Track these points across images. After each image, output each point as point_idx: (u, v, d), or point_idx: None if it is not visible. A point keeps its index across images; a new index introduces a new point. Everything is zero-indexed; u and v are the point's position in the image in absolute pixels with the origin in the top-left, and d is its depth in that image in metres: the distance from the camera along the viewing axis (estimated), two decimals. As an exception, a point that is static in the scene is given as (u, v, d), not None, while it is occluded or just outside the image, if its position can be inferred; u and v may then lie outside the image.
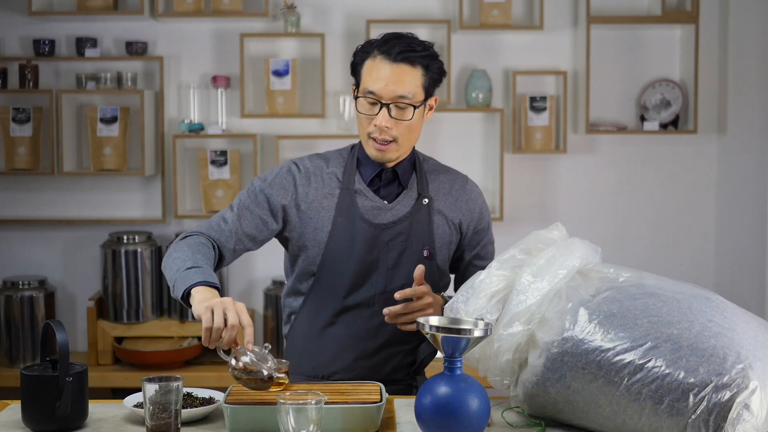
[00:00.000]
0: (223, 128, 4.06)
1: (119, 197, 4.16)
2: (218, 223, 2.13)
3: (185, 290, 1.89)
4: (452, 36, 4.08)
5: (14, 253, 4.18)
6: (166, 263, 2.03)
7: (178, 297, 1.93)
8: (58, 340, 1.77)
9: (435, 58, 2.11)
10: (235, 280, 4.18)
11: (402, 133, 2.10)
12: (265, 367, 1.77)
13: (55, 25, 4.11)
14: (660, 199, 4.21)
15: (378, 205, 2.15)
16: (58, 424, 1.78)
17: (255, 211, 2.13)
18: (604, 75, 4.14)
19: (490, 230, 2.31)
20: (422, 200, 2.18)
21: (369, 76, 2.08)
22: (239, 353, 1.77)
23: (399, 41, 2.08)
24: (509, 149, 4.14)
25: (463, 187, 2.25)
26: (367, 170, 2.17)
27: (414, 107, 2.08)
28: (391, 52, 2.06)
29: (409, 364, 2.22)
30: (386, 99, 2.06)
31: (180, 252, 2.02)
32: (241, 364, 1.76)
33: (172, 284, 1.96)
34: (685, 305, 1.70)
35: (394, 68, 2.06)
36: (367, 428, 1.77)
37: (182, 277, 1.93)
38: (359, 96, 2.11)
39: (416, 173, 2.20)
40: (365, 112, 2.10)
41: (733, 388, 1.57)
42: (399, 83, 2.06)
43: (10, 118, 4.01)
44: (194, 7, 3.97)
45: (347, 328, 2.16)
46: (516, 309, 1.77)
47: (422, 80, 2.09)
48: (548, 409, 1.79)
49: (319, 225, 2.14)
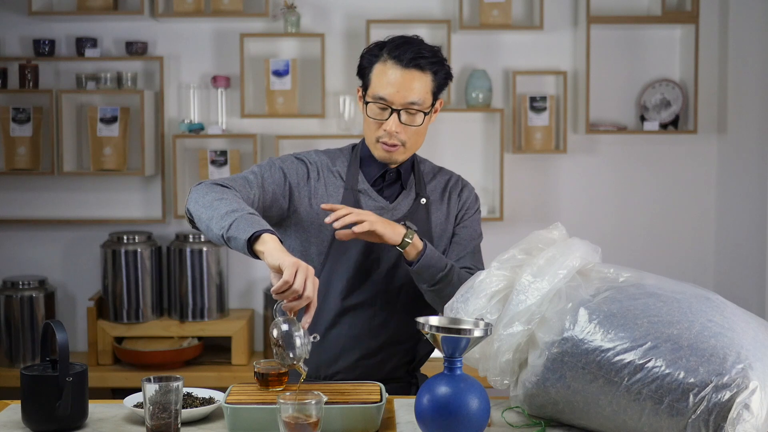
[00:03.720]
0: (223, 128, 4.06)
1: (119, 197, 4.16)
2: (242, 182, 2.04)
3: (256, 233, 1.80)
4: (452, 36, 4.08)
5: (14, 253, 4.18)
6: (207, 202, 1.91)
7: (239, 238, 1.81)
8: (58, 340, 1.77)
9: (443, 64, 2.12)
10: (235, 280, 4.18)
11: (410, 138, 2.12)
12: (297, 351, 1.76)
13: (55, 25, 4.11)
14: (660, 199, 4.21)
15: (381, 205, 2.17)
16: (58, 424, 1.79)
17: (271, 185, 2.09)
18: (604, 75, 4.14)
19: (476, 220, 2.29)
20: (420, 200, 2.19)
21: (379, 81, 2.08)
22: (291, 323, 1.76)
23: (410, 47, 2.08)
24: (509, 149, 4.14)
25: (456, 184, 2.28)
26: (371, 170, 2.18)
27: (424, 113, 2.10)
28: (402, 57, 2.06)
29: (409, 362, 2.23)
30: (397, 105, 2.07)
31: (221, 194, 1.92)
32: (280, 333, 1.75)
33: (228, 224, 1.84)
34: (685, 305, 1.70)
35: (405, 74, 2.07)
36: (367, 428, 1.77)
37: (246, 219, 1.83)
38: (369, 101, 2.10)
39: (414, 174, 2.22)
40: (375, 117, 2.10)
41: (733, 388, 1.57)
42: (410, 90, 2.07)
43: (10, 118, 4.01)
44: (194, 7, 3.97)
45: (349, 328, 2.16)
46: (516, 309, 1.77)
47: (431, 85, 2.11)
48: (548, 409, 1.79)
49: (324, 223, 2.14)
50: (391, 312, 2.17)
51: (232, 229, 1.83)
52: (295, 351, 1.76)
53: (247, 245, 1.81)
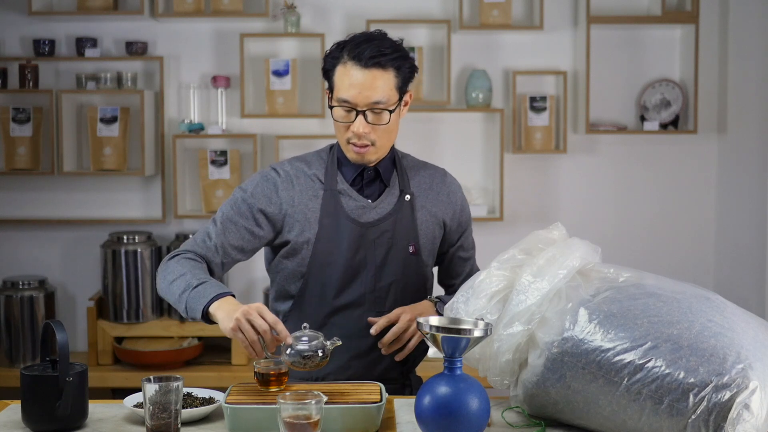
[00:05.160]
0: (223, 128, 4.06)
1: (119, 197, 4.16)
2: (203, 239, 2.14)
3: (203, 310, 1.93)
4: (452, 36, 4.08)
5: (14, 253, 4.18)
6: (165, 288, 2.05)
7: (197, 318, 1.96)
8: (58, 340, 1.77)
9: (406, 58, 2.10)
10: (235, 281, 4.18)
11: (380, 137, 2.11)
12: (316, 344, 1.87)
13: (55, 25, 4.11)
14: (660, 199, 4.21)
15: (362, 204, 2.16)
16: (58, 424, 1.79)
17: (240, 223, 2.14)
18: (604, 75, 4.14)
19: (471, 221, 2.32)
20: (404, 197, 2.19)
21: (342, 84, 2.07)
22: (285, 347, 1.86)
23: (369, 45, 2.05)
24: (509, 149, 4.14)
25: (442, 180, 2.26)
26: (349, 170, 2.18)
27: (390, 111, 2.08)
28: (361, 57, 2.04)
29: (402, 363, 2.22)
30: (362, 106, 2.06)
31: (177, 272, 2.04)
32: (295, 352, 1.86)
33: (183, 307, 1.99)
34: (685, 305, 1.70)
35: (366, 74, 2.05)
36: (367, 428, 1.77)
37: (193, 297, 1.97)
38: (334, 105, 2.10)
39: (397, 170, 2.21)
40: (341, 119, 2.10)
41: (733, 388, 1.57)
42: (373, 89, 2.05)
43: (10, 118, 4.01)
44: (194, 7, 3.97)
45: (339, 328, 2.16)
46: (516, 309, 1.77)
47: (395, 82, 2.08)
48: (548, 409, 1.79)
49: (306, 227, 2.14)
50: (381, 311, 2.16)
51: (190, 312, 1.99)
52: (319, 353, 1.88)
53: (208, 320, 1.96)
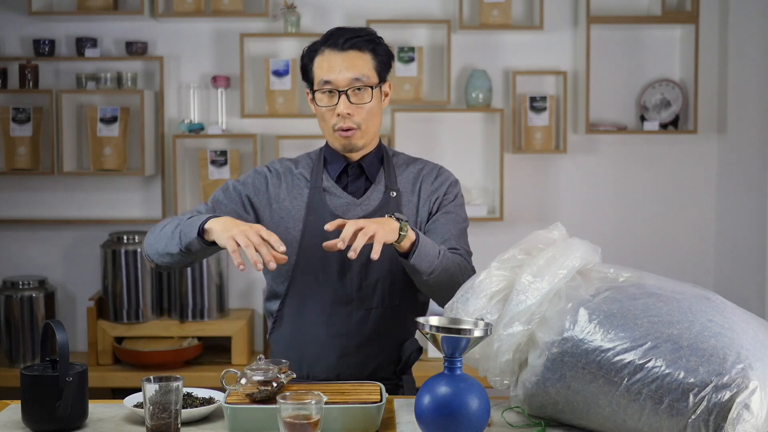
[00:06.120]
0: (223, 128, 4.06)
1: (119, 197, 4.17)
2: (191, 213, 2.15)
3: (200, 227, 1.94)
4: (452, 36, 4.08)
5: (14, 253, 4.18)
6: (157, 235, 2.09)
7: (191, 238, 1.96)
8: (58, 340, 1.77)
9: (380, 42, 2.18)
10: (235, 280, 4.18)
11: (364, 119, 2.14)
12: (271, 375, 1.82)
13: (55, 25, 4.11)
14: (660, 199, 4.21)
15: (347, 201, 2.18)
16: (58, 424, 1.79)
17: (229, 205, 2.19)
18: (604, 75, 4.14)
19: (461, 207, 2.25)
20: (390, 193, 2.19)
21: (321, 70, 2.14)
22: (244, 376, 1.83)
23: (343, 32, 2.15)
24: (509, 149, 4.14)
25: (430, 172, 2.24)
26: (334, 167, 2.21)
27: (371, 88, 2.13)
28: (337, 42, 2.13)
29: (395, 362, 2.21)
30: (343, 85, 2.12)
31: (166, 222, 2.10)
32: (251, 384, 1.81)
33: (178, 238, 2.00)
34: (685, 305, 1.70)
35: (344, 56, 2.13)
36: (367, 428, 1.77)
37: (188, 224, 1.99)
38: (316, 90, 2.15)
39: (384, 168, 2.22)
40: (325, 104, 2.14)
41: (733, 388, 1.57)
42: (352, 68, 2.12)
43: (10, 118, 4.01)
44: (194, 7, 3.97)
45: (327, 327, 2.16)
46: (516, 309, 1.76)
47: (373, 63, 2.15)
48: (548, 409, 1.79)
49: (291, 225, 2.16)
50: (368, 309, 2.15)
51: (183, 240, 1.98)
52: (274, 384, 1.82)
53: (203, 241, 1.95)
